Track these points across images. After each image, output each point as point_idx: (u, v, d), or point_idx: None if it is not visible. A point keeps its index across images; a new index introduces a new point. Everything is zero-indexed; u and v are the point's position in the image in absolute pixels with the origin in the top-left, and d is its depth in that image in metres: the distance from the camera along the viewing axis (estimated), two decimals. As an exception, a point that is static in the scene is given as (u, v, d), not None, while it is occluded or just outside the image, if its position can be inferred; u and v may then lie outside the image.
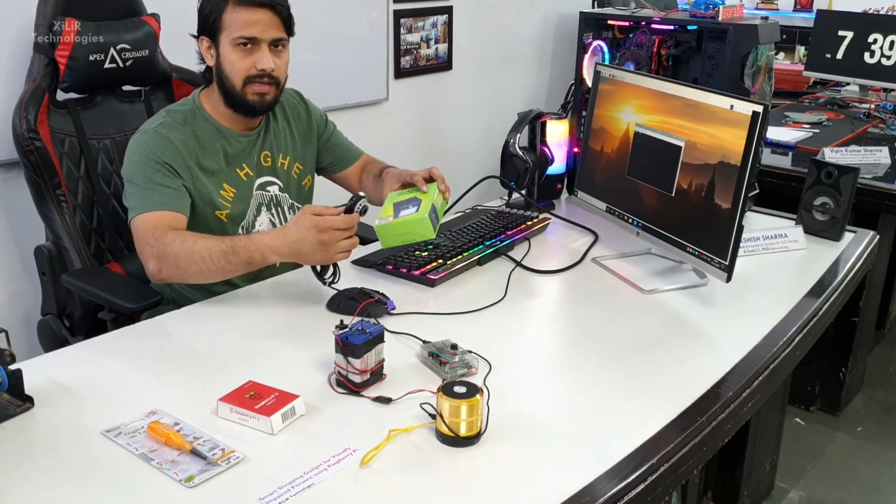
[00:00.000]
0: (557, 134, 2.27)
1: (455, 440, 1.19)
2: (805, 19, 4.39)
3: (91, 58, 1.94)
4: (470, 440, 1.20)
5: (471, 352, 1.42)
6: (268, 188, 1.88)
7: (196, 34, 1.79)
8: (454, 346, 1.41)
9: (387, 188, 1.85)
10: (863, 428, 2.81)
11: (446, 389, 1.20)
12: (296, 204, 1.93)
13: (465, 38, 3.47)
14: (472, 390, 1.20)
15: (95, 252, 1.99)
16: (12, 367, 1.27)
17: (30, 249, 2.02)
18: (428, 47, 3.33)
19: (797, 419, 2.83)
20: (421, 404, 1.27)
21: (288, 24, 1.77)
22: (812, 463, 2.61)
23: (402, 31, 3.20)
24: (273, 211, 1.87)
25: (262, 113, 1.85)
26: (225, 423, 1.24)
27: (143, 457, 1.16)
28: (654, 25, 2.44)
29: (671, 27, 2.41)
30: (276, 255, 1.58)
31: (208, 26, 1.74)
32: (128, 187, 1.72)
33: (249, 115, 1.83)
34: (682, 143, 1.76)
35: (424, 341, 1.46)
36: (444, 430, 1.19)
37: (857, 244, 2.04)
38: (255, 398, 1.26)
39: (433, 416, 1.23)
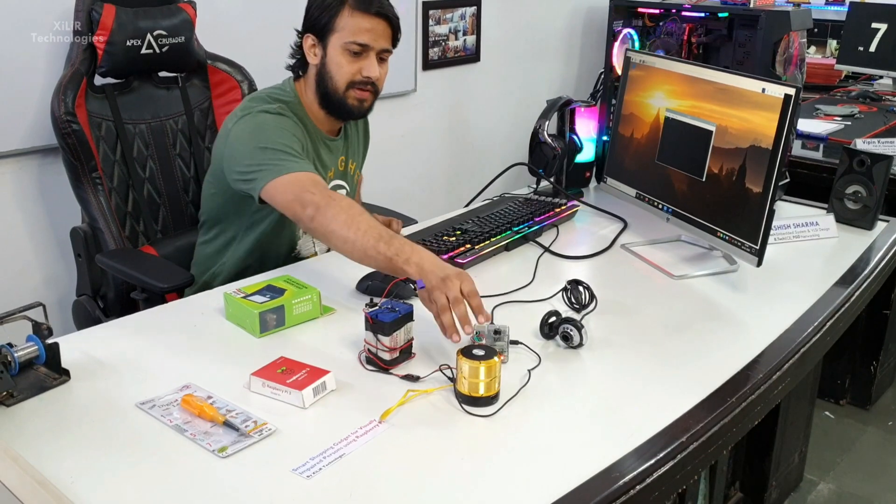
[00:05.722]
0: (587, 121, 2.27)
1: (473, 400, 1.24)
2: (837, 13, 4.33)
3: (128, 43, 1.97)
4: (488, 400, 1.24)
5: (517, 342, 1.43)
6: (338, 192, 1.90)
7: (300, 30, 1.79)
8: (497, 332, 1.41)
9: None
10: (893, 422, 2.77)
11: (465, 352, 1.25)
12: None
13: (493, 29, 3.47)
14: (490, 353, 1.25)
15: (130, 235, 2.02)
16: (49, 340, 1.30)
17: (66, 232, 2.06)
18: (456, 39, 3.34)
19: (827, 412, 2.81)
20: (440, 367, 1.31)
21: (396, 37, 1.78)
22: (842, 456, 2.58)
23: (431, 22, 3.21)
24: None
25: (357, 118, 1.87)
26: (257, 398, 1.26)
27: (176, 428, 1.18)
28: (684, 13, 2.43)
29: (702, 15, 2.40)
30: (416, 264, 1.40)
31: (319, 26, 1.73)
32: (263, 154, 1.62)
33: (343, 119, 1.85)
34: (713, 128, 1.75)
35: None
36: (464, 390, 1.24)
37: (889, 233, 2.02)
38: (287, 373, 1.28)
39: (451, 380, 1.28)
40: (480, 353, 1.24)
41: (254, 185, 1.62)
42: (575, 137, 2.26)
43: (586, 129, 2.28)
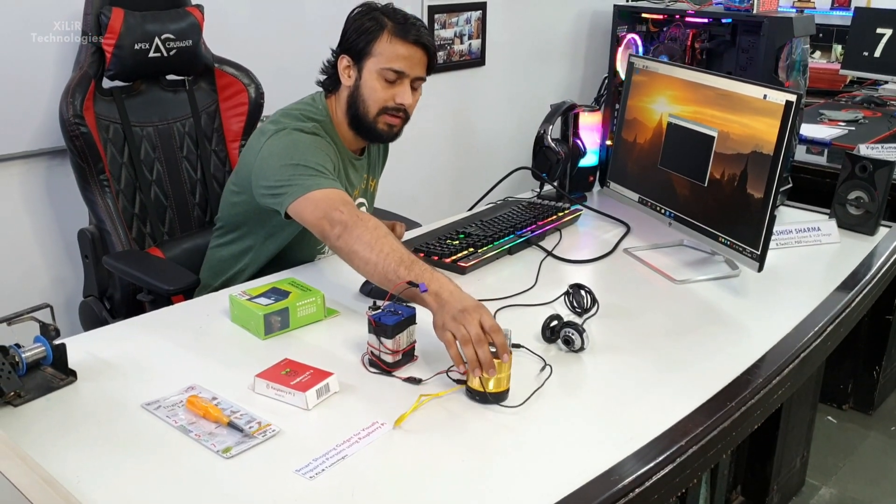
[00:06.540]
0: (590, 126, 2.28)
1: (484, 396, 1.26)
2: (842, 17, 4.33)
3: (136, 47, 1.99)
4: (498, 396, 1.27)
5: (519, 346, 1.44)
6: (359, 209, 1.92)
7: (336, 50, 1.79)
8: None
9: None
10: (896, 427, 2.78)
11: None
12: None
13: (498, 33, 3.48)
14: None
15: (137, 237, 2.04)
16: (57, 341, 1.32)
17: (73, 234, 2.08)
18: (461, 43, 3.35)
19: (829, 417, 2.81)
20: (448, 372, 1.32)
21: (431, 65, 1.78)
22: (844, 461, 2.59)
23: (436, 26, 3.22)
24: None
25: (385, 142, 1.88)
26: (261, 399, 1.27)
27: (181, 429, 1.19)
28: (688, 19, 2.45)
29: (705, 20, 2.41)
30: (434, 292, 1.37)
31: (356, 49, 1.73)
32: (294, 170, 1.62)
33: (372, 142, 1.87)
34: (714, 133, 1.76)
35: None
36: (476, 385, 1.26)
37: (891, 239, 2.03)
38: (291, 375, 1.29)
39: (458, 382, 1.30)
40: (492, 350, 1.27)
41: (281, 199, 1.62)
42: (578, 142, 2.27)
43: (590, 133, 2.29)
